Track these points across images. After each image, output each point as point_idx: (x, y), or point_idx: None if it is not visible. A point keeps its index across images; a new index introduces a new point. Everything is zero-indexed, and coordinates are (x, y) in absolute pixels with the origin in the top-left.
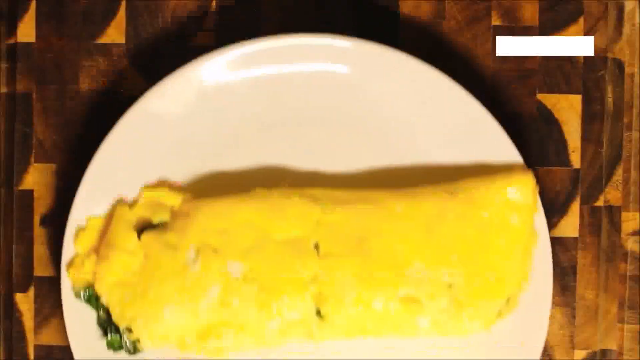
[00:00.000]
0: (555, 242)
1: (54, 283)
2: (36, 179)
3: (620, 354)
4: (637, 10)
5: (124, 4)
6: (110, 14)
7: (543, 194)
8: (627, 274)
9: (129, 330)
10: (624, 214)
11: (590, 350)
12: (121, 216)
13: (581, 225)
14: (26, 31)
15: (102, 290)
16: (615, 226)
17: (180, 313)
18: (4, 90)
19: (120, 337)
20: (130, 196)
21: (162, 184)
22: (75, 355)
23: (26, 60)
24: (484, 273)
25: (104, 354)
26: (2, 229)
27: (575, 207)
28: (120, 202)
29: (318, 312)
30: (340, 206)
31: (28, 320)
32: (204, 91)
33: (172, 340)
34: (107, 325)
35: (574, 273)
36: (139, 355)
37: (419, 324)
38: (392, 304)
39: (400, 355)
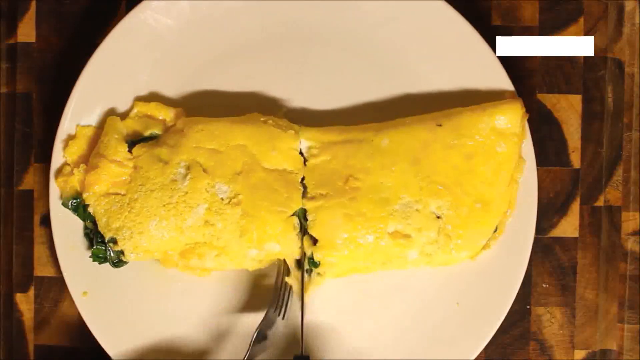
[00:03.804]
0: (555, 242)
1: (54, 283)
2: (36, 179)
3: (620, 353)
4: (637, 10)
5: (124, 3)
6: (111, 14)
7: (543, 194)
8: (627, 274)
9: (114, 242)
10: (624, 214)
11: (590, 350)
12: (112, 127)
13: (581, 225)
14: (26, 31)
15: (90, 199)
16: (615, 226)
17: (165, 228)
18: (4, 90)
19: (105, 248)
20: (122, 108)
21: (154, 97)
22: (63, 267)
23: (26, 60)
24: (471, 201)
25: (90, 267)
26: (2, 229)
27: (575, 207)
28: (111, 113)
29: (311, 259)
30: (325, 148)
31: (28, 320)
32: (198, 3)
33: (156, 254)
34: (93, 235)
35: (574, 273)
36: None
37: (408, 257)
38: (382, 241)
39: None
